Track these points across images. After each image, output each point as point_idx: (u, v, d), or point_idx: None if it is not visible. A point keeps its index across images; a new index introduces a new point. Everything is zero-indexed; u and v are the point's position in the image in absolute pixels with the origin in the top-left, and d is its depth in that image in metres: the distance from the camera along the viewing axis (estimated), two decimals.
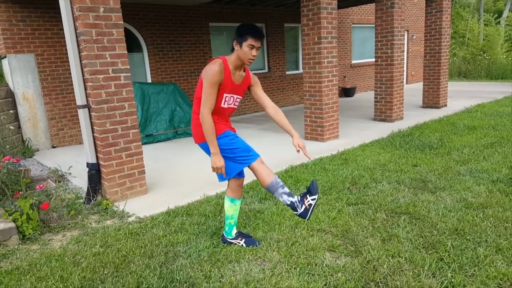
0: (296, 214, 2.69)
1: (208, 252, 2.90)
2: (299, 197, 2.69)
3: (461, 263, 2.57)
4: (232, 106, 2.75)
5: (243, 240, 2.99)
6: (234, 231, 3.03)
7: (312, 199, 2.65)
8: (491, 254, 2.66)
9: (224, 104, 2.69)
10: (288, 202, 2.69)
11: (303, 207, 2.66)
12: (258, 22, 10.10)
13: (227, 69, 2.62)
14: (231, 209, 2.95)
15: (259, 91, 2.85)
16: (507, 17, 22.51)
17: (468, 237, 2.90)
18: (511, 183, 3.96)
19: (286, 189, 2.69)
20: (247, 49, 2.56)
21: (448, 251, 2.72)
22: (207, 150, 2.75)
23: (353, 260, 2.71)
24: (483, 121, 7.08)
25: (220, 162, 2.64)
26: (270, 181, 2.67)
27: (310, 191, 2.68)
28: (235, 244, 2.99)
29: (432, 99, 9.23)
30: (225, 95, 2.66)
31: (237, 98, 2.75)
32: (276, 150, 5.97)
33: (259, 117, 9.49)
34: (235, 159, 2.71)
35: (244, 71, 2.76)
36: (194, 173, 4.97)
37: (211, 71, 2.54)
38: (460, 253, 2.69)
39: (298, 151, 2.73)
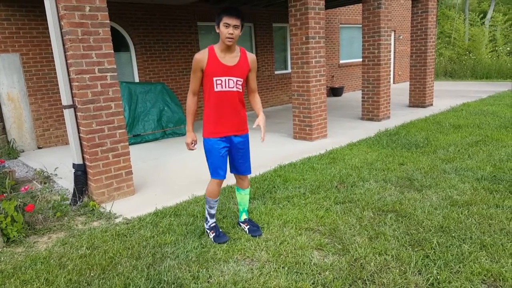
0: (205, 223, 3.20)
1: (196, 253, 2.89)
2: (214, 224, 3.14)
3: (446, 260, 2.61)
4: (232, 89, 2.80)
5: (248, 227, 3.20)
6: (244, 216, 3.27)
7: (212, 237, 3.07)
8: (476, 250, 2.71)
9: (216, 87, 2.76)
10: (207, 215, 3.15)
11: (209, 231, 3.12)
12: (246, 22, 10.10)
13: (212, 54, 2.74)
14: (238, 196, 3.25)
15: (251, 75, 2.93)
16: (491, 17, 22.93)
17: (453, 234, 2.95)
18: (495, 180, 4.04)
19: (213, 212, 3.12)
20: (223, 28, 2.66)
21: (433, 248, 2.76)
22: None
23: (340, 258, 2.73)
24: (468, 120, 7.20)
25: (187, 139, 2.94)
26: (210, 197, 3.05)
27: (220, 236, 3.06)
28: (242, 228, 3.25)
29: (418, 99, 9.34)
30: (214, 79, 2.75)
31: (237, 80, 2.80)
32: (266, 149, 5.98)
33: (251, 116, 9.48)
34: (207, 162, 2.98)
35: (240, 52, 2.82)
36: (182, 173, 4.94)
37: (193, 59, 2.76)
38: (445, 250, 2.73)
39: (255, 127, 2.88)
